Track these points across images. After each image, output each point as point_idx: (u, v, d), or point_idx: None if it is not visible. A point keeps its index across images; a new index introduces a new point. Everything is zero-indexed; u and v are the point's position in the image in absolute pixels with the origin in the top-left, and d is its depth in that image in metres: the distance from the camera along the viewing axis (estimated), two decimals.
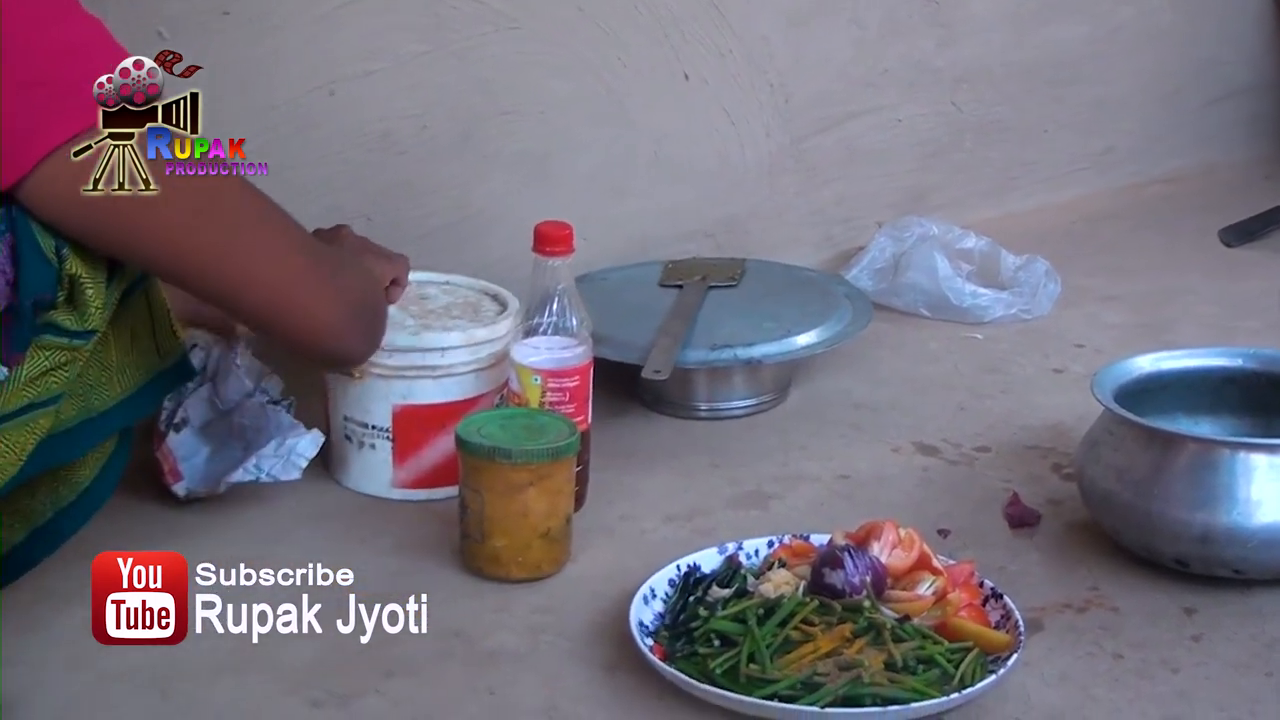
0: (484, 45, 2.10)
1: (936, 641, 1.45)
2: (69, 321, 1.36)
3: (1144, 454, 1.61)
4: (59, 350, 1.36)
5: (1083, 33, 2.72)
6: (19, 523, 1.48)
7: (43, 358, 1.35)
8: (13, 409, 1.35)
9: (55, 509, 1.49)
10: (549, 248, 1.70)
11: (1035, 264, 2.34)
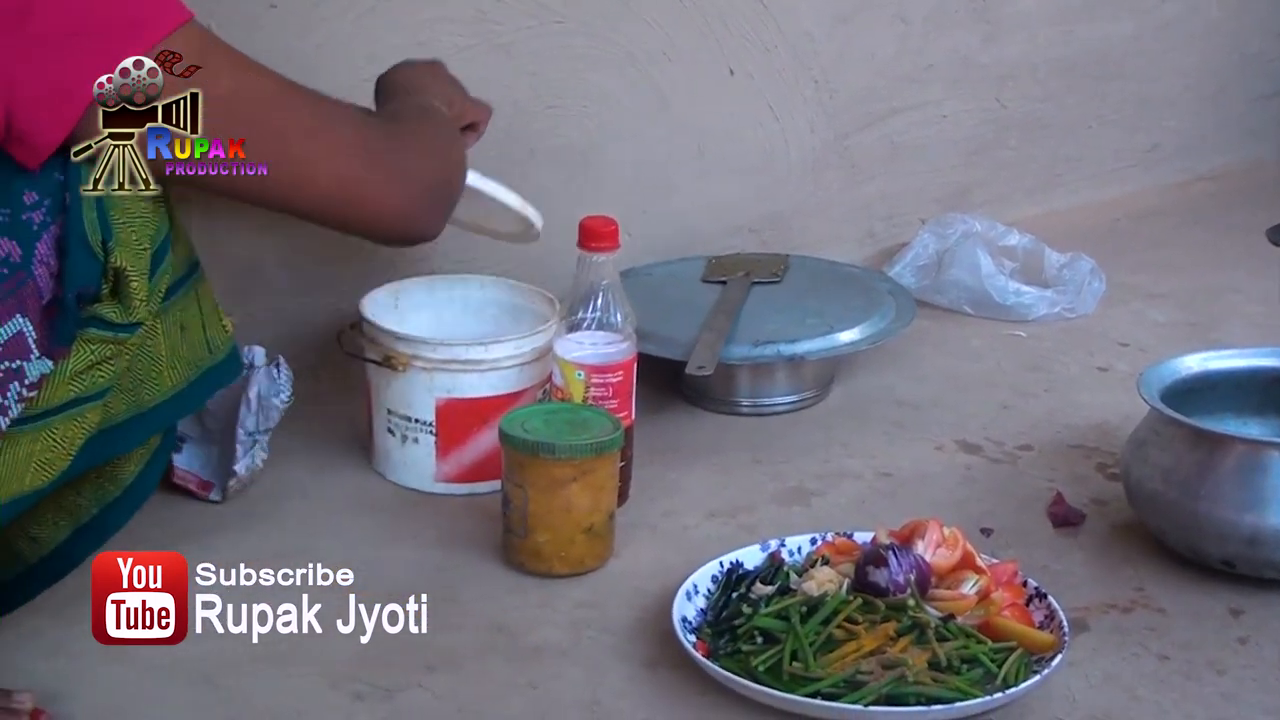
0: (529, 39, 2.10)
1: (980, 641, 1.44)
2: (114, 314, 1.36)
3: (1191, 454, 1.60)
4: (104, 344, 1.36)
5: (1128, 29, 2.71)
6: (64, 519, 1.49)
7: (88, 351, 1.36)
8: (59, 403, 1.36)
9: (100, 505, 1.50)
10: (594, 243, 1.70)
11: (1080, 261, 2.33)
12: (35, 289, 1.32)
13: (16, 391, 1.33)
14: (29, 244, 1.32)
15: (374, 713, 1.43)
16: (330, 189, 1.43)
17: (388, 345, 1.77)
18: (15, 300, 1.31)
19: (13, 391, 1.33)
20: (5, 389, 1.33)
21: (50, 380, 1.34)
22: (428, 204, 1.52)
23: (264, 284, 1.95)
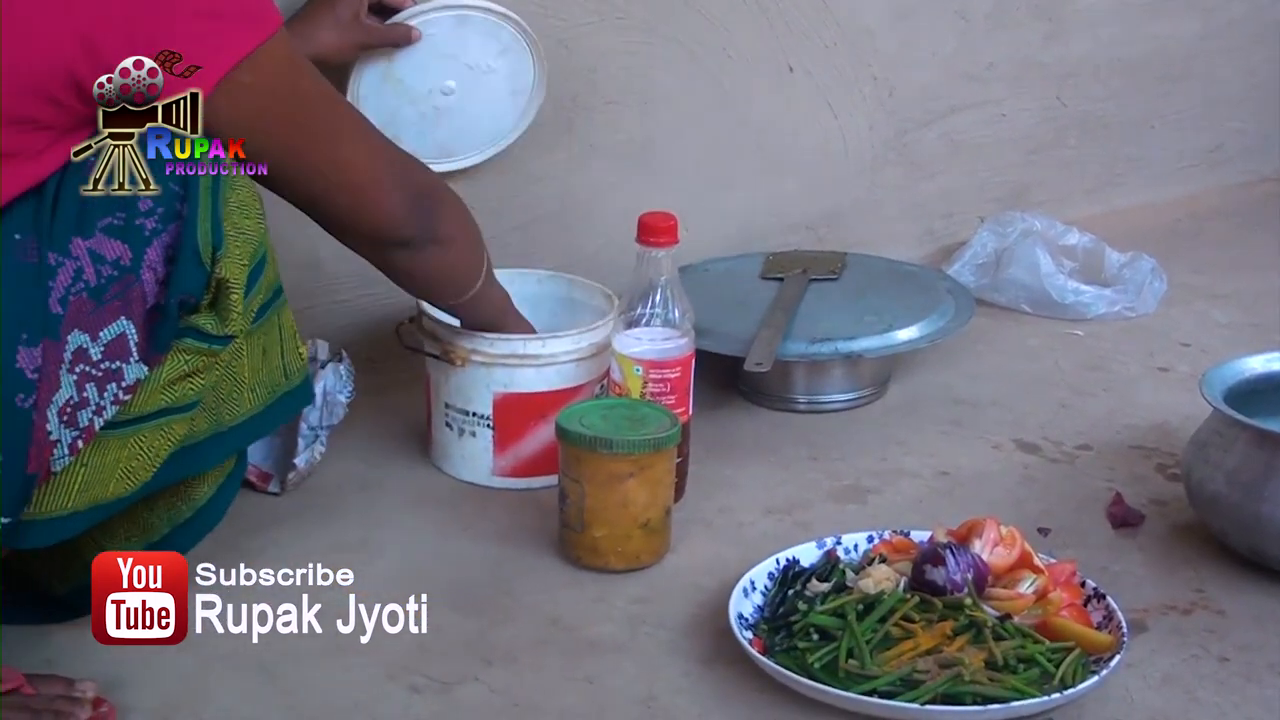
0: (589, 34, 2.11)
1: (1037, 641, 1.44)
2: (210, 325, 1.39)
3: (1255, 456, 1.59)
4: (198, 354, 1.39)
5: (1194, 28, 2.68)
6: (136, 535, 1.50)
7: (181, 361, 1.39)
8: (150, 410, 1.38)
9: (171, 524, 1.51)
10: (653, 238, 1.70)
11: (1141, 261, 2.31)
12: (141, 293, 1.35)
13: (113, 393, 1.36)
14: (140, 249, 1.35)
15: (430, 705, 1.43)
16: (356, 190, 1.50)
17: (446, 339, 1.77)
18: (122, 303, 1.35)
19: (109, 392, 1.36)
20: (103, 388, 1.35)
21: (144, 386, 1.37)
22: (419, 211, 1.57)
23: (324, 278, 1.96)
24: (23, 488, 1.34)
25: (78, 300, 1.32)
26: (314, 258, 1.92)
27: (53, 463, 1.35)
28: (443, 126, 1.66)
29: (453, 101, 1.89)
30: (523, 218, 2.10)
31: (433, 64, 1.86)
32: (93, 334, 1.34)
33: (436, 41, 1.86)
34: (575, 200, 2.15)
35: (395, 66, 1.84)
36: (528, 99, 1.94)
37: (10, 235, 1.31)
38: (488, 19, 1.88)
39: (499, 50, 1.89)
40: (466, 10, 1.87)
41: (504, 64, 1.90)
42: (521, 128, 1.95)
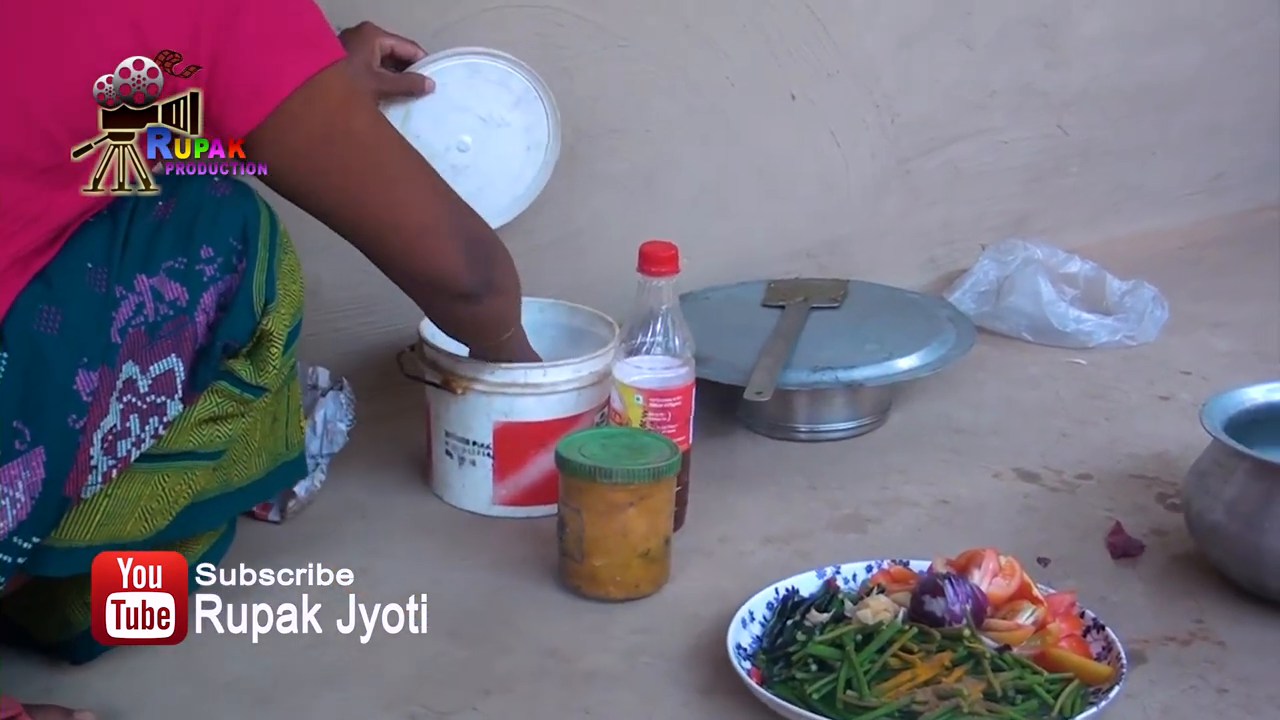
0: (591, 63, 2.11)
1: (1036, 672, 1.43)
2: (245, 372, 1.43)
3: (1255, 486, 1.59)
4: (230, 399, 1.43)
5: (1195, 57, 2.69)
6: None
7: (213, 402, 1.43)
8: (176, 450, 1.42)
9: None
10: (654, 268, 1.70)
11: (1142, 289, 2.31)
12: (193, 334, 1.40)
13: (154, 428, 1.40)
14: (196, 292, 1.40)
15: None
16: (413, 234, 1.51)
17: (447, 368, 1.78)
18: (174, 341, 1.39)
19: (151, 426, 1.40)
20: (146, 421, 1.40)
21: (177, 424, 1.41)
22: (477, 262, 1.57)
23: (324, 305, 1.96)
24: (57, 509, 1.37)
25: (135, 333, 1.37)
26: (314, 285, 1.92)
27: (85, 489, 1.38)
28: (460, 186, 1.66)
29: (469, 159, 1.89)
30: (524, 245, 2.10)
31: (448, 117, 1.87)
32: (144, 367, 1.38)
33: (450, 93, 1.86)
34: (577, 228, 2.16)
35: (411, 121, 1.85)
36: (544, 155, 1.94)
37: (84, 264, 1.36)
38: (497, 66, 1.89)
39: (512, 101, 1.89)
40: (476, 58, 1.88)
41: (518, 117, 1.90)
42: (540, 185, 1.94)
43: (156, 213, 1.40)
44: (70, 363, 1.34)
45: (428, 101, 1.85)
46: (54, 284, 1.34)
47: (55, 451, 1.35)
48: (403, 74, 1.85)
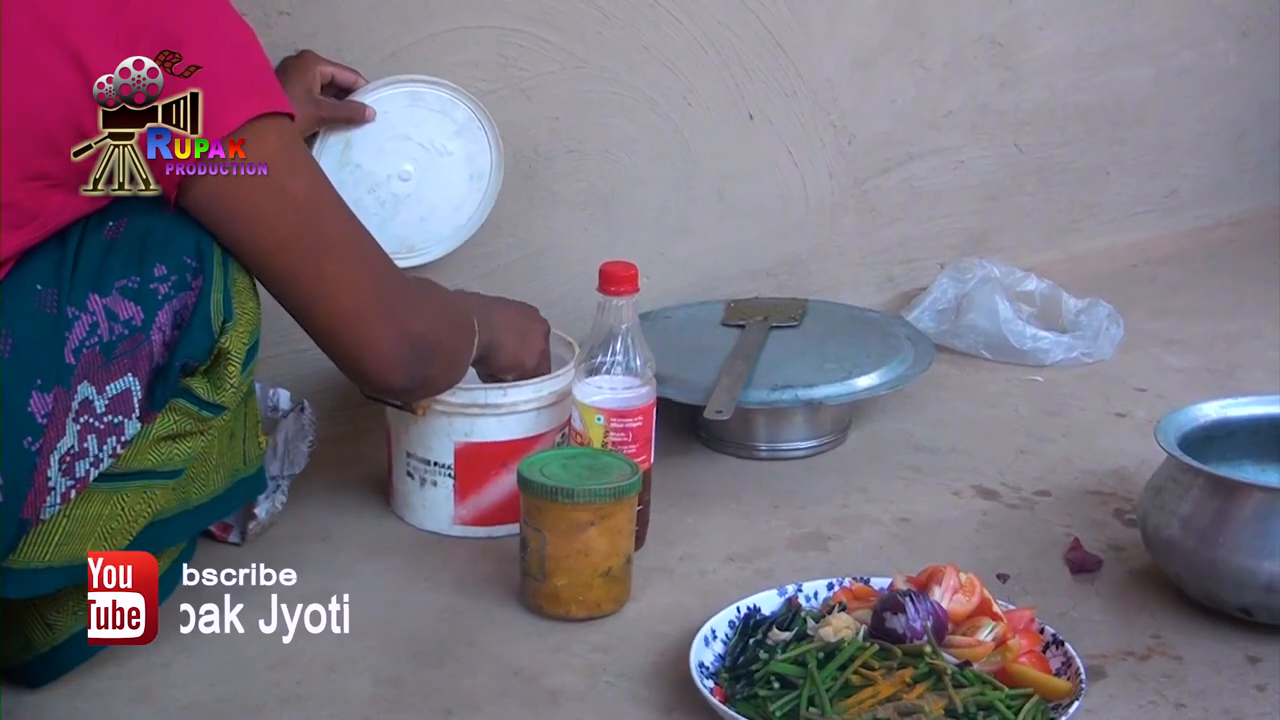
0: (551, 84, 2.12)
1: (997, 688, 1.44)
2: (204, 390, 1.42)
3: (1209, 501, 1.60)
4: (188, 418, 1.42)
5: (1147, 75, 2.72)
6: (82, 610, 1.46)
7: (171, 420, 1.41)
8: (135, 469, 1.40)
9: None
10: (614, 287, 1.71)
11: (1098, 307, 2.33)
12: (150, 353, 1.39)
13: (111, 447, 1.39)
14: (152, 311, 1.39)
15: None
16: (342, 317, 1.47)
17: None
18: (131, 360, 1.38)
19: (109, 445, 1.39)
20: (103, 441, 1.38)
21: (135, 442, 1.40)
22: (410, 366, 1.54)
23: (284, 327, 1.94)
24: (15, 531, 1.36)
25: (90, 354, 1.36)
26: (274, 306, 1.92)
27: (43, 510, 1.37)
28: (402, 215, 1.65)
29: (411, 188, 1.88)
30: (484, 267, 2.11)
31: (389, 146, 1.86)
32: (99, 387, 1.37)
33: (391, 120, 1.86)
34: (536, 248, 2.16)
35: (352, 151, 1.84)
36: (486, 184, 1.93)
37: (33, 285, 1.35)
38: (440, 95, 1.88)
39: (455, 130, 1.89)
40: (418, 86, 1.88)
41: (460, 146, 1.90)
42: (482, 215, 1.93)
43: (106, 233, 1.39)
44: (23, 385, 1.33)
45: (369, 130, 1.85)
46: (2, 307, 1.33)
47: (11, 474, 1.34)
48: (343, 102, 1.84)
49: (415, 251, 1.92)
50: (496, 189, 1.93)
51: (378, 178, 1.86)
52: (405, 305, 1.52)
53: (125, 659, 1.52)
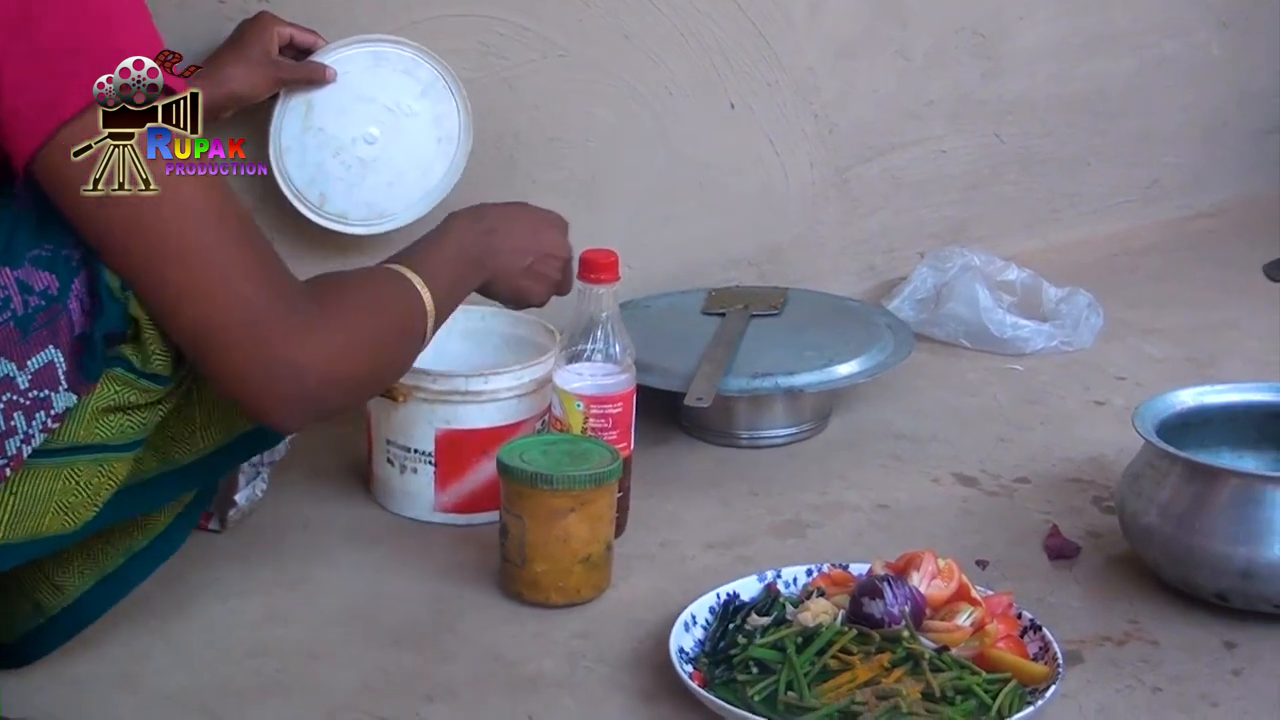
0: (532, 72, 2.12)
1: (974, 672, 1.45)
2: (135, 358, 1.37)
3: (1186, 488, 1.61)
4: (130, 387, 1.37)
5: (1128, 66, 2.73)
6: (90, 568, 1.49)
7: (112, 391, 1.36)
8: (84, 443, 1.37)
9: (127, 555, 1.50)
10: (594, 275, 1.71)
11: (1077, 296, 2.34)
12: (69, 322, 1.33)
13: (41, 421, 1.34)
14: (67, 279, 1.33)
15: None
16: (186, 333, 1.33)
17: None
18: (50, 331, 1.33)
19: (38, 420, 1.34)
20: (31, 416, 1.34)
21: (74, 415, 1.35)
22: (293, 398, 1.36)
23: None
24: None
25: (4, 330, 1.31)
26: None
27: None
28: (369, 180, 1.58)
29: (378, 151, 1.85)
30: None
31: (352, 107, 1.84)
32: (20, 363, 1.32)
33: (354, 81, 1.84)
34: None
35: (314, 114, 1.82)
36: (456, 147, 1.91)
37: None
38: (403, 54, 1.86)
39: (420, 90, 1.86)
40: (380, 45, 1.86)
41: (426, 107, 1.87)
42: (452, 179, 1.91)
43: (15, 204, 1.33)
44: None
45: (331, 91, 1.83)
46: None
47: None
48: (303, 62, 1.82)
49: (385, 218, 1.91)
50: (466, 151, 1.90)
51: (342, 141, 1.84)
52: (287, 331, 1.33)
53: (106, 646, 1.53)
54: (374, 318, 1.44)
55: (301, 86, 1.81)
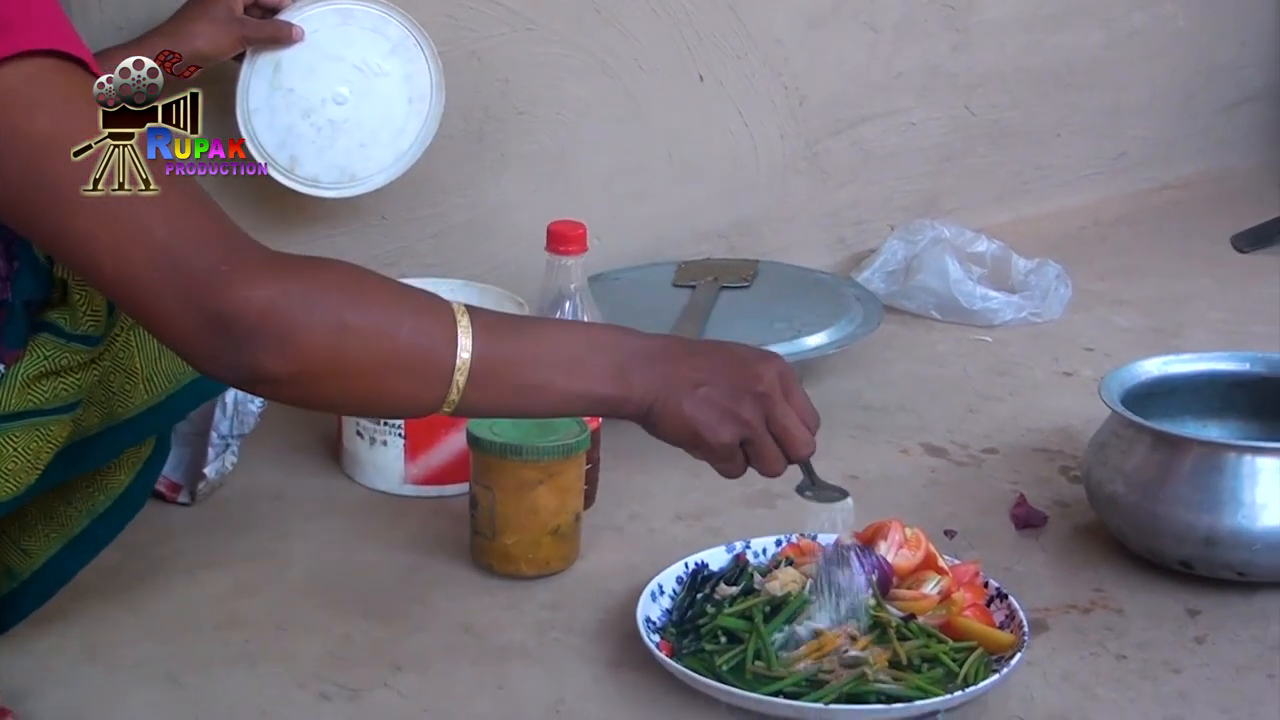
0: (501, 45, 2.12)
1: (941, 640, 1.46)
2: (64, 322, 1.35)
3: (1150, 457, 1.62)
4: (60, 351, 1.35)
5: (1097, 38, 2.73)
6: (54, 531, 1.48)
7: (41, 357, 1.34)
8: (16, 410, 1.34)
9: (91, 517, 1.49)
10: (562, 247, 1.71)
11: (1046, 268, 2.35)
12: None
13: None
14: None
15: (340, 712, 1.43)
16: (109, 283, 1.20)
17: None
18: None
19: None
20: None
21: (4, 383, 1.33)
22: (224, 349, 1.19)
23: None
24: None
25: None
26: None
27: None
28: (341, 142, 1.55)
29: (348, 112, 1.83)
30: (434, 228, 2.11)
31: (321, 67, 1.81)
32: None
33: (321, 40, 1.81)
34: (487, 210, 2.17)
35: (282, 73, 1.79)
36: (428, 106, 1.89)
37: None
38: (370, 11, 1.83)
39: (389, 49, 1.84)
40: (346, 3, 1.83)
41: (396, 66, 1.85)
42: (425, 140, 1.90)
43: None
44: None
45: (299, 51, 1.80)
46: None
47: None
48: (269, 21, 1.79)
49: (357, 180, 1.89)
50: (439, 111, 1.88)
51: (311, 102, 1.81)
52: (213, 278, 1.18)
53: (73, 618, 1.52)
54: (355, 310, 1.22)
55: (268, 45, 1.79)
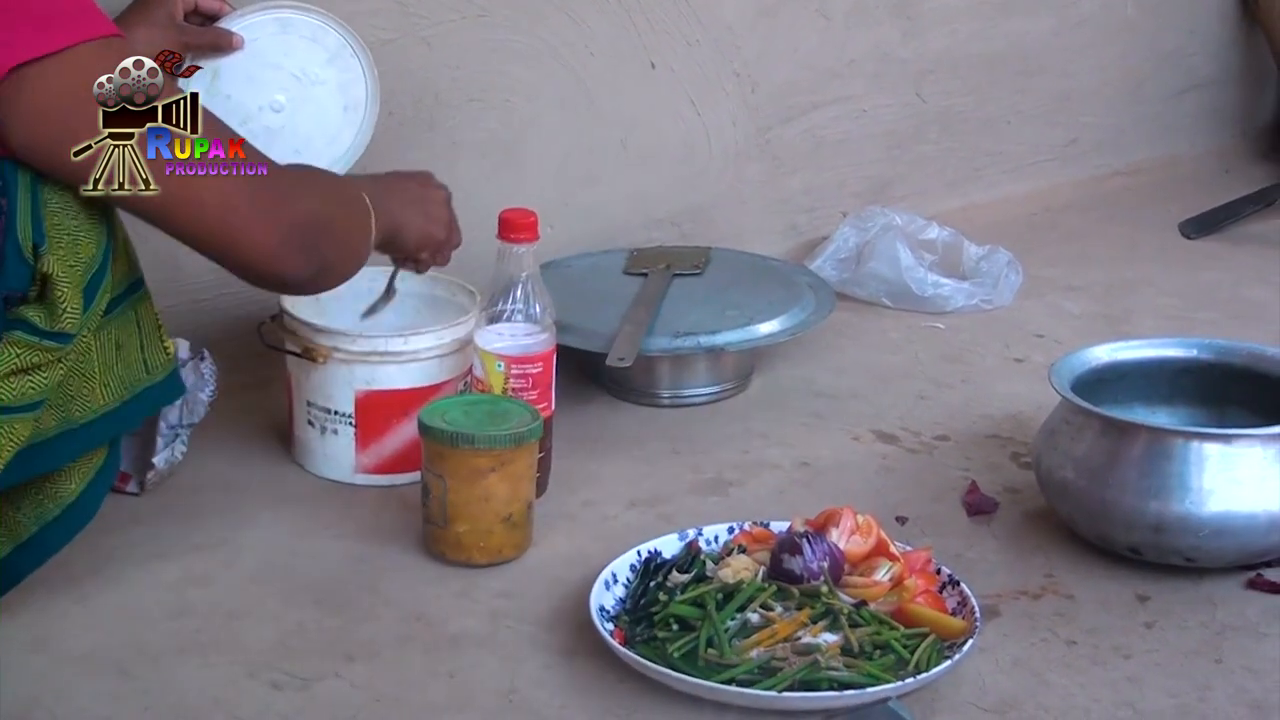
0: (451, 33, 2.11)
1: (893, 627, 1.46)
2: (39, 319, 1.35)
3: (1099, 443, 1.63)
4: (32, 349, 1.35)
5: (1047, 25, 2.74)
6: (3, 536, 1.47)
7: (13, 354, 1.35)
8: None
9: (40, 523, 1.48)
10: (513, 234, 1.71)
11: (997, 254, 2.36)
12: None
13: None
14: None
15: (291, 702, 1.43)
16: (214, 216, 1.40)
17: (307, 337, 1.77)
18: None
19: None
20: None
21: None
22: (300, 252, 1.46)
23: (183, 277, 1.94)
24: None
25: None
26: (173, 257, 1.90)
27: None
28: (276, 148, 1.57)
29: (284, 120, 1.83)
30: None
31: (259, 75, 1.81)
32: None
33: (260, 49, 1.81)
34: None
35: (221, 81, 1.79)
36: (362, 114, 1.90)
37: None
38: (309, 21, 1.83)
39: (326, 58, 1.84)
40: (285, 12, 1.84)
41: (333, 74, 1.85)
42: (360, 147, 1.90)
43: None
44: None
45: (237, 59, 1.80)
46: None
47: None
48: (209, 28, 1.80)
49: None
50: (373, 120, 1.88)
51: (249, 109, 1.81)
52: (279, 193, 1.45)
53: (20, 608, 1.51)
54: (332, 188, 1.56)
55: (208, 52, 1.79)
